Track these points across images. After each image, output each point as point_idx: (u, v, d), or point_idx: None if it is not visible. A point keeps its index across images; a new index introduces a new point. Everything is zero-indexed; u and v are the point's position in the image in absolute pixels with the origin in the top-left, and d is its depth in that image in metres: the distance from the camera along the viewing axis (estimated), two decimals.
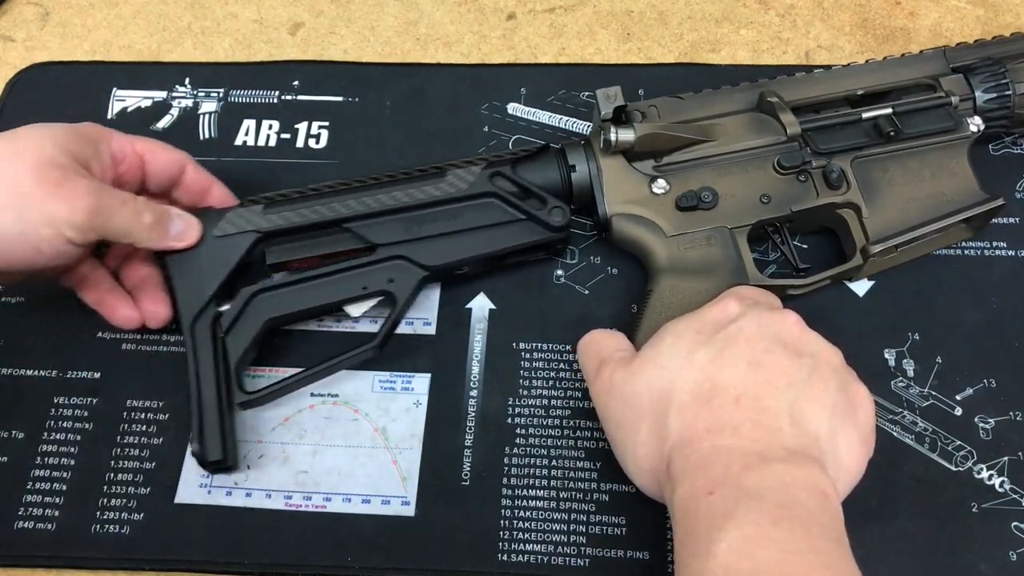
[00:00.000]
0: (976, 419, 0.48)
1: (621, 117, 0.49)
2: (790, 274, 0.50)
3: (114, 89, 0.62)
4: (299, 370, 0.48)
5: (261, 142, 0.59)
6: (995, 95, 0.50)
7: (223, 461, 0.45)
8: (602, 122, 0.49)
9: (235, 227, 0.48)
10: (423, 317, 0.52)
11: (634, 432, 0.40)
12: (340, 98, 0.61)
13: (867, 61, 0.52)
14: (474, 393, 0.50)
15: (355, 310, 0.49)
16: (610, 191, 0.50)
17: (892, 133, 0.49)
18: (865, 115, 0.50)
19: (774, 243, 0.51)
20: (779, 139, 0.49)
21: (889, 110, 0.49)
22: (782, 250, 0.50)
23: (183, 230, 0.47)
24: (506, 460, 0.48)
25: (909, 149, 0.50)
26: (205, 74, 0.62)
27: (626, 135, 0.48)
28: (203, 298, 0.47)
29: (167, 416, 0.50)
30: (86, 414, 0.50)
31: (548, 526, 0.46)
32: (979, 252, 0.53)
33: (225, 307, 0.48)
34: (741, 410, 0.38)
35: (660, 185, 0.49)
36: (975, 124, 0.50)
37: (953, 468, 0.47)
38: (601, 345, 0.45)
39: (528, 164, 0.50)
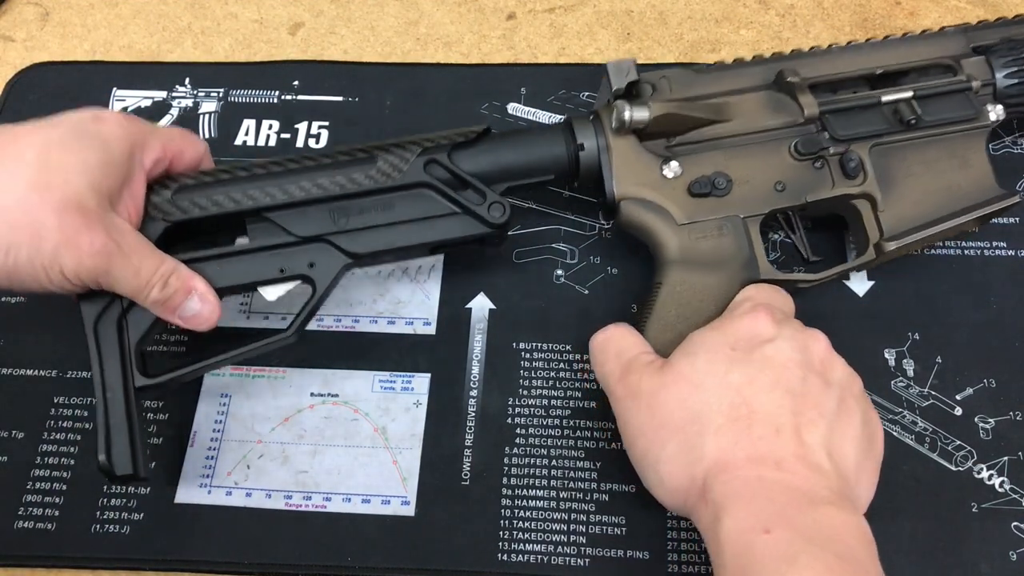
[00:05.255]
0: (976, 419, 0.48)
1: (632, 92, 0.47)
2: (800, 267, 0.49)
3: (114, 89, 0.62)
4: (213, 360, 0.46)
5: (261, 142, 0.59)
6: (1017, 81, 0.48)
7: (134, 475, 0.42)
8: (614, 98, 0.46)
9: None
10: (423, 317, 0.52)
11: (660, 446, 0.39)
12: (340, 98, 0.61)
13: (886, 37, 0.50)
14: (474, 393, 0.50)
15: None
16: (619, 171, 0.47)
17: (912, 120, 0.46)
18: (884, 98, 0.47)
19: (786, 232, 0.50)
20: (796, 121, 0.47)
21: (910, 93, 0.47)
22: (792, 240, 0.49)
23: (196, 314, 0.44)
24: (506, 460, 0.48)
25: (928, 137, 0.47)
26: (205, 74, 0.62)
27: (640, 114, 0.45)
28: (107, 294, 0.43)
29: (167, 416, 0.50)
30: (86, 414, 0.50)
31: (548, 526, 0.46)
32: (979, 252, 0.53)
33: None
34: (783, 443, 0.37)
35: (672, 168, 0.46)
36: (995, 112, 0.47)
37: (953, 468, 0.47)
38: (621, 345, 0.44)
39: (519, 140, 0.48)
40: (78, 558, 0.46)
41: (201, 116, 0.60)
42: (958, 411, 0.48)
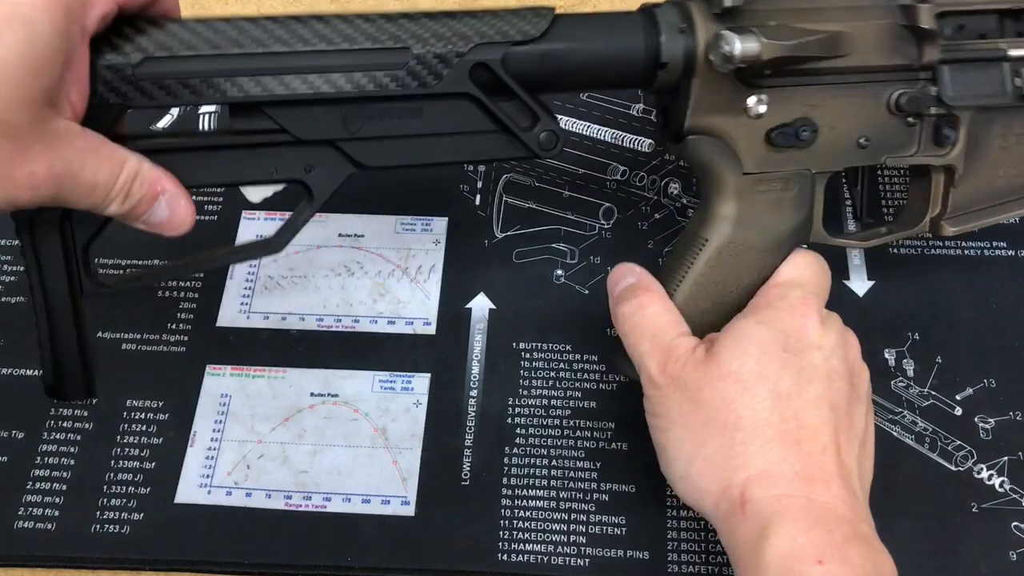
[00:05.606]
0: (976, 419, 0.48)
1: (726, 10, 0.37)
2: (848, 230, 0.44)
3: None
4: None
5: None
6: None
7: (90, 393, 0.38)
8: (717, 16, 0.37)
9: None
10: (423, 317, 0.52)
11: (700, 443, 0.37)
12: None
13: None
14: (474, 393, 0.50)
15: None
16: (699, 95, 0.38)
17: None
18: (1011, 52, 0.40)
19: (847, 186, 0.45)
20: (910, 65, 0.39)
21: None
22: (851, 195, 0.44)
23: (164, 221, 0.36)
24: (506, 460, 0.48)
25: None
26: None
27: (750, 46, 0.36)
28: None
29: (167, 416, 0.50)
30: (86, 414, 0.50)
31: (548, 526, 0.46)
32: (979, 252, 0.53)
33: None
34: (827, 462, 0.36)
35: (757, 104, 0.38)
36: None
37: (953, 468, 0.47)
38: (658, 324, 0.40)
39: (587, 37, 0.38)
40: (78, 558, 0.46)
41: (201, 116, 0.60)
42: (958, 411, 0.48)
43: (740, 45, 0.35)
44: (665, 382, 0.39)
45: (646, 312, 0.40)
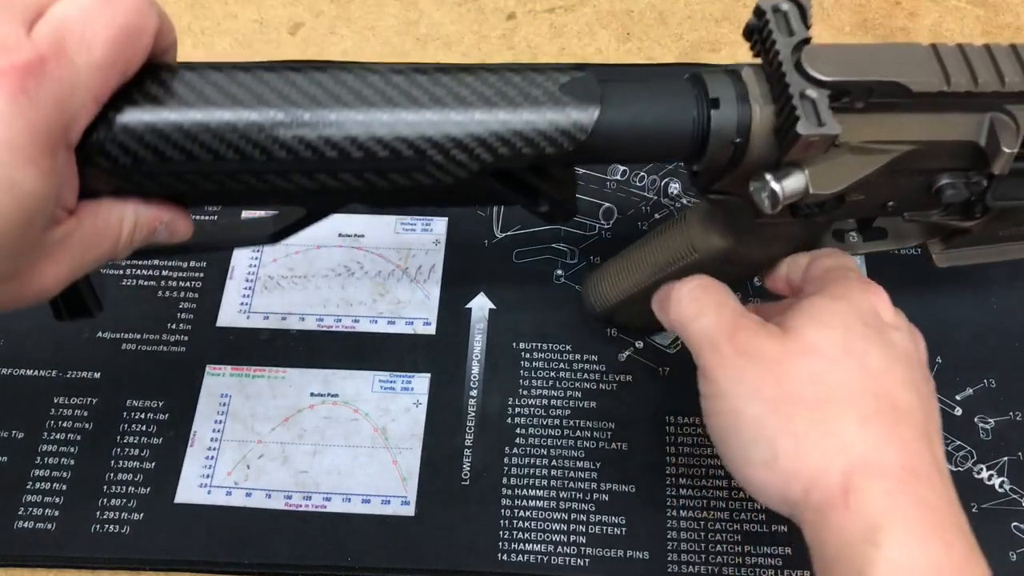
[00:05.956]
0: (976, 419, 0.48)
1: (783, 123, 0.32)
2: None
3: None
4: None
5: None
6: None
7: (100, 307, 0.36)
8: (756, 171, 0.33)
9: None
10: (423, 317, 0.52)
11: (785, 419, 0.33)
12: None
13: None
14: (474, 393, 0.50)
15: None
16: (750, 156, 0.34)
17: None
18: None
19: None
20: (966, 168, 0.36)
21: None
22: None
23: (165, 240, 0.35)
24: (506, 460, 0.48)
25: None
26: None
27: (795, 184, 0.32)
28: None
29: (167, 416, 0.50)
30: (86, 414, 0.50)
31: (548, 526, 0.46)
32: None
33: None
34: (925, 453, 0.32)
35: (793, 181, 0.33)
36: None
37: (953, 468, 0.47)
38: (720, 296, 0.36)
39: (622, 101, 0.33)
40: (78, 558, 0.46)
41: None
42: (958, 411, 0.48)
43: (781, 186, 0.32)
44: (735, 351, 0.34)
45: (707, 287, 0.37)
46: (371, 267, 0.54)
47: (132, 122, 0.29)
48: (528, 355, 0.51)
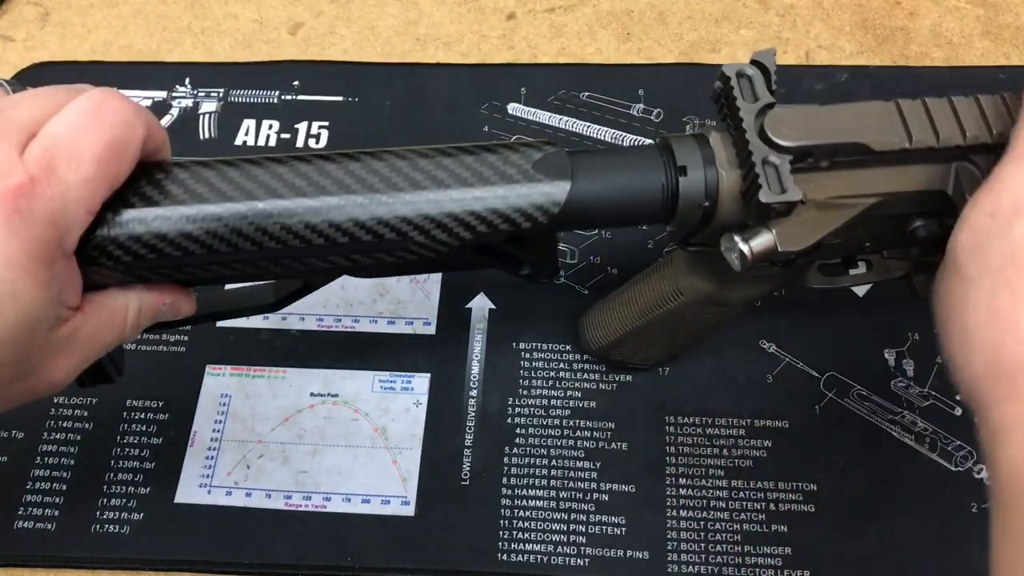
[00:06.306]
0: (976, 419, 0.48)
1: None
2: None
3: (114, 89, 0.62)
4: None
5: (261, 142, 0.59)
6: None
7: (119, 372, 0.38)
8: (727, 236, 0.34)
9: None
10: (423, 317, 0.52)
11: None
12: (340, 98, 0.61)
13: None
14: (474, 393, 0.50)
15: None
16: (720, 218, 0.35)
17: None
18: None
19: None
20: (939, 212, 0.36)
21: None
22: None
23: (169, 318, 0.36)
24: (506, 460, 0.48)
25: None
26: (205, 74, 0.62)
27: (763, 244, 0.33)
28: None
29: (167, 416, 0.50)
30: (86, 414, 0.50)
31: (548, 526, 0.46)
32: None
33: None
34: None
35: (761, 240, 0.34)
36: None
37: (953, 468, 0.47)
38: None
39: (592, 174, 0.34)
40: (78, 558, 0.46)
41: (201, 116, 0.60)
42: (958, 411, 0.48)
43: (747, 246, 0.33)
44: (1001, 225, 0.30)
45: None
46: None
47: (128, 223, 0.31)
48: (528, 355, 0.51)
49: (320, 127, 0.60)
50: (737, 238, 0.33)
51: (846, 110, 0.34)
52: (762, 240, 0.33)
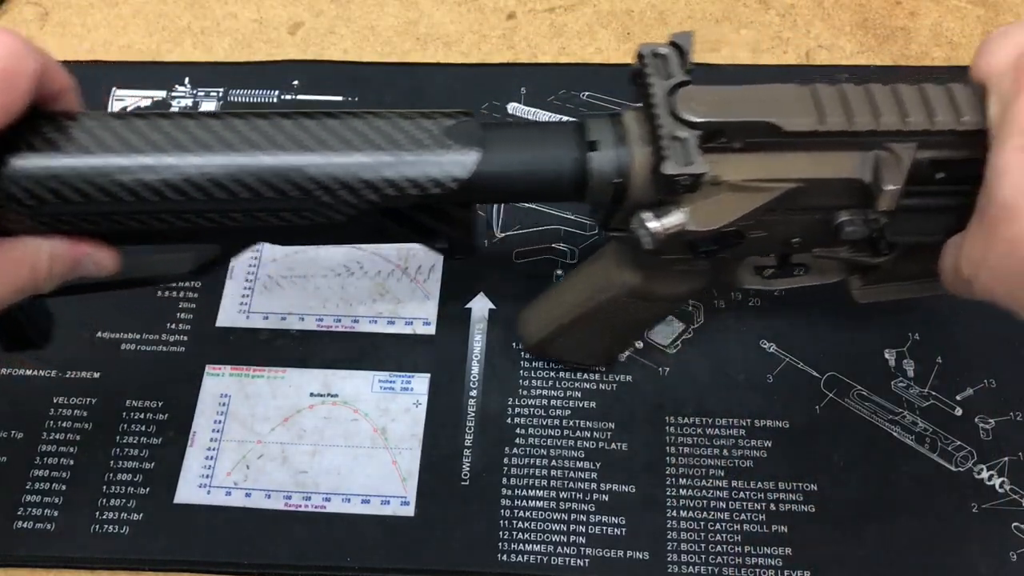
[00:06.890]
0: (976, 419, 0.48)
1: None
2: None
3: (113, 89, 0.62)
4: None
5: None
6: None
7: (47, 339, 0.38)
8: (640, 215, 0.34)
9: None
10: (423, 317, 0.52)
11: None
12: (340, 98, 0.61)
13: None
14: (474, 393, 0.50)
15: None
16: (632, 196, 0.34)
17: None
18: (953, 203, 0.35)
19: None
20: (862, 205, 0.35)
21: None
22: None
23: (93, 272, 0.36)
24: (506, 460, 0.48)
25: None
26: (205, 74, 0.62)
27: (673, 221, 0.33)
28: None
29: (166, 416, 0.50)
30: (85, 414, 0.50)
31: (548, 526, 0.46)
32: None
33: None
34: None
35: (682, 215, 0.34)
36: None
37: (953, 468, 0.47)
38: None
39: (504, 144, 0.34)
40: (78, 558, 0.46)
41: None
42: (958, 411, 0.48)
43: (659, 223, 0.33)
44: None
45: None
46: (371, 267, 0.54)
47: (30, 166, 0.31)
48: (528, 355, 0.51)
49: None
50: (647, 214, 0.33)
51: (760, 91, 0.33)
52: (672, 218, 0.33)
